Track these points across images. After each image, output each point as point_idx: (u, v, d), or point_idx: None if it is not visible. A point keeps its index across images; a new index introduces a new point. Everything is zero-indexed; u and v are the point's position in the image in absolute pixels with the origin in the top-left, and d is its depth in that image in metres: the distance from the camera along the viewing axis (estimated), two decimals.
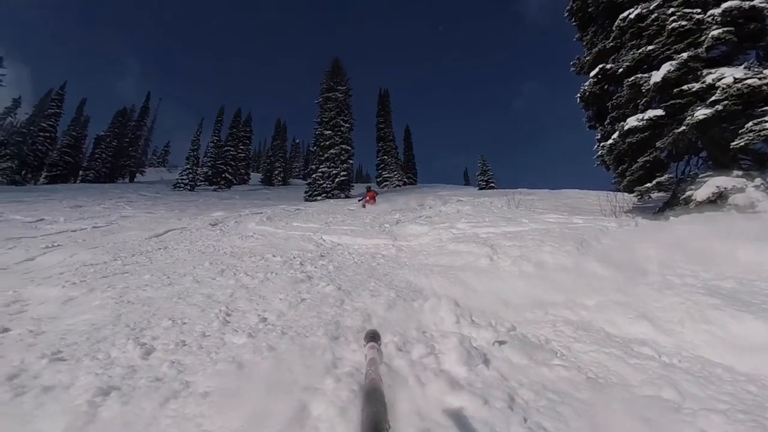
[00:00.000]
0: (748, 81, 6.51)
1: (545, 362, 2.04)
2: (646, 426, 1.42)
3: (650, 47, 8.23)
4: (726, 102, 6.71)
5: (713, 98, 6.87)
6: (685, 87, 7.43)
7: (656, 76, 7.81)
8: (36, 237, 7.33)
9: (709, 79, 7.07)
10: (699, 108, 7.07)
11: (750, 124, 6.47)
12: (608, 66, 9.52)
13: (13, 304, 3.34)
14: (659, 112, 7.95)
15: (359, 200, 17.44)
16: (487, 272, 3.84)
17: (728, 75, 6.78)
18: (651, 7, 8.17)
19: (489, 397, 1.62)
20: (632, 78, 8.47)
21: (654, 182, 8.29)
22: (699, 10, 7.58)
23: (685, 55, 7.50)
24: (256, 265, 4.69)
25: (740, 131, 6.63)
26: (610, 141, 9.18)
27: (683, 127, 7.34)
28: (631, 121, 8.37)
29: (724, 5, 7.18)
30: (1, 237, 7.07)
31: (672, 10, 7.79)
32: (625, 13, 8.75)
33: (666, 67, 7.67)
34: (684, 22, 7.62)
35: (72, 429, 1.45)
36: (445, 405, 1.58)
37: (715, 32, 7.20)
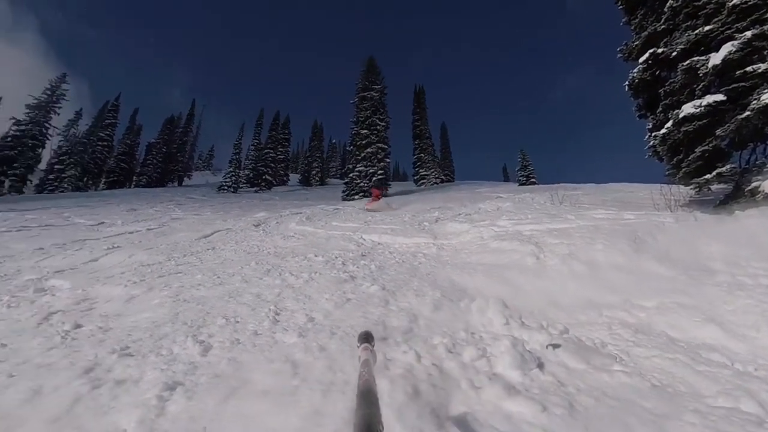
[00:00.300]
0: None
1: (604, 367, 1.95)
2: None
3: (708, 27, 7.66)
4: None
5: None
6: (749, 68, 6.86)
7: (715, 59, 7.26)
8: (98, 239, 7.87)
9: None
10: (766, 91, 6.51)
11: None
12: (660, 50, 8.94)
13: (83, 302, 3.60)
14: (719, 97, 7.39)
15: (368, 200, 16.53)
16: (534, 271, 3.73)
17: None
18: None
19: (547, 403, 1.57)
20: (687, 62, 7.91)
21: (714, 173, 7.72)
22: None
23: (749, 33, 6.92)
24: (300, 265, 4.79)
25: None
26: (663, 130, 8.62)
27: (747, 113, 6.78)
28: (687, 108, 7.83)
29: None
30: (69, 239, 7.66)
31: None
32: None
33: (727, 48, 7.11)
34: None
35: (145, 421, 1.54)
36: (502, 410, 1.55)
37: None
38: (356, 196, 26.08)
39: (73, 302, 3.55)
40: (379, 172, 27.30)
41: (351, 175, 27.78)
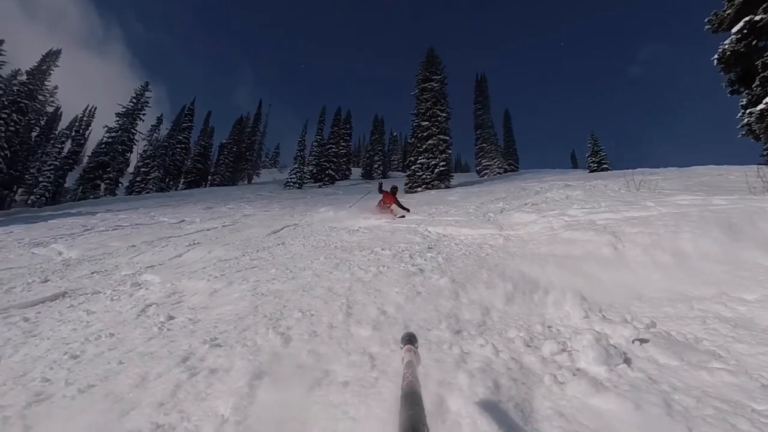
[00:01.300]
0: None
1: (701, 364, 1.81)
2: None
3: None
4: None
5: None
6: None
7: None
8: (180, 236, 8.59)
9: None
10: None
11: None
12: (757, 17, 7.98)
13: (172, 295, 3.95)
14: None
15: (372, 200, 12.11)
16: (613, 262, 3.52)
17: None
18: None
19: (640, 401, 1.49)
20: None
21: None
22: None
23: None
24: (367, 258, 4.89)
25: None
26: (761, 106, 7.72)
27: None
28: None
29: None
30: (156, 237, 8.46)
31: None
32: None
33: None
34: None
35: (240, 408, 1.66)
36: (590, 407, 1.49)
37: None
38: (419, 189, 26.06)
39: (165, 295, 3.90)
40: (441, 163, 27.04)
41: (413, 167, 27.77)
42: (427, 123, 28.46)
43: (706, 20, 9.72)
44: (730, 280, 2.73)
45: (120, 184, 39.48)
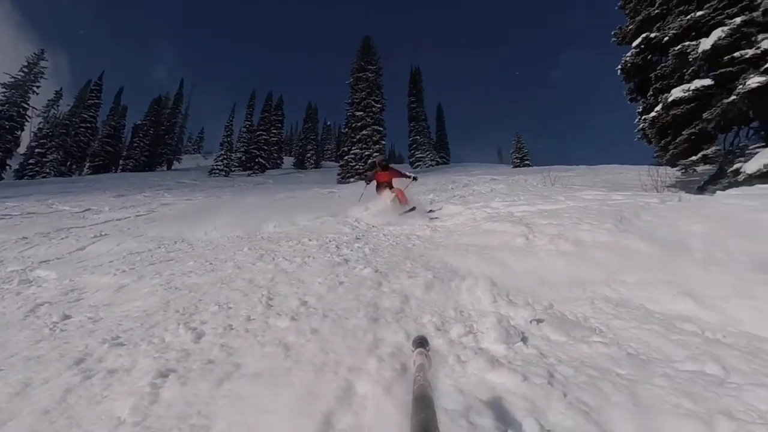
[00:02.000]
0: None
1: (584, 339, 2.05)
2: (690, 400, 1.42)
3: (700, 13, 7.72)
4: None
5: None
6: (737, 54, 6.95)
7: (705, 44, 7.34)
8: (84, 227, 7.82)
9: (765, 45, 6.58)
10: (752, 75, 6.62)
11: None
12: (653, 35, 9.01)
13: (71, 292, 3.61)
14: (707, 81, 7.50)
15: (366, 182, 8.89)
16: (524, 251, 3.82)
17: None
18: None
19: (528, 373, 1.66)
20: (679, 46, 8.00)
21: (699, 155, 7.89)
22: None
23: (738, 19, 6.99)
24: (294, 249, 4.83)
25: None
26: (653, 113, 8.75)
27: (733, 97, 6.90)
28: (676, 92, 7.94)
29: None
30: (54, 227, 7.61)
31: None
32: None
33: (716, 34, 7.18)
34: None
35: (139, 408, 1.58)
36: (486, 382, 1.64)
37: None
38: (352, 179, 26.05)
39: (61, 293, 3.56)
40: (375, 154, 27.26)
41: (346, 157, 27.69)
42: (361, 113, 28.51)
43: (612, 33, 10.78)
44: (616, 265, 3.08)
45: (8, 167, 34.00)
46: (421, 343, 1.23)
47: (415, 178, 8.48)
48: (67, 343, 2.34)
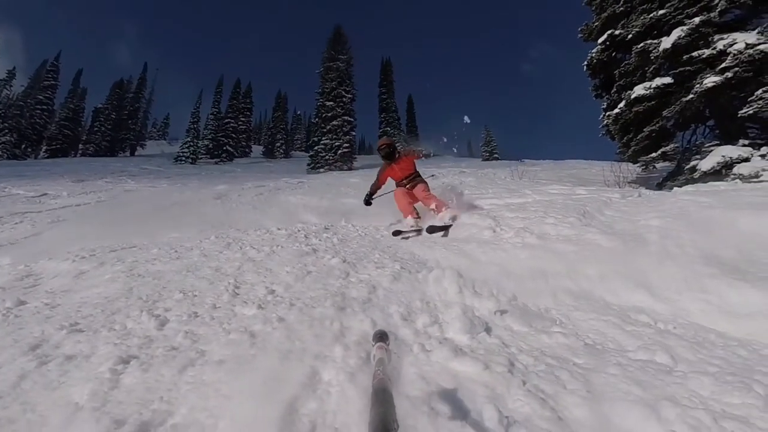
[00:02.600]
0: (761, 47, 6.36)
1: (545, 330, 2.12)
2: (639, 387, 1.50)
3: (662, 11, 7.99)
4: (736, 69, 6.57)
5: (723, 65, 6.74)
6: (695, 53, 7.26)
7: (666, 43, 7.62)
8: (41, 212, 7.45)
9: (720, 45, 6.91)
10: (708, 75, 6.94)
11: (760, 91, 6.37)
12: (617, 32, 9.27)
13: (26, 278, 3.45)
14: (667, 79, 7.81)
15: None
16: (490, 244, 3.89)
17: (740, 41, 6.62)
18: None
19: (490, 362, 1.70)
20: (641, 44, 8.28)
21: (659, 152, 8.25)
22: None
23: (697, 19, 7.29)
24: (262, 238, 4.76)
25: (749, 99, 6.53)
26: (616, 110, 9.06)
27: (691, 95, 7.23)
28: (639, 90, 8.23)
29: None
30: (7, 212, 7.19)
31: None
32: None
33: (676, 33, 7.47)
34: None
35: (98, 393, 1.54)
36: (449, 370, 1.67)
37: None
38: (321, 169, 25.86)
39: (15, 278, 3.40)
40: (345, 145, 27.13)
41: (316, 147, 27.46)
42: (332, 103, 28.26)
43: (579, 29, 11.03)
44: (578, 258, 3.19)
45: None
46: (381, 337, 1.24)
47: (427, 156, 6.33)
48: (21, 329, 2.25)
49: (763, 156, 6.49)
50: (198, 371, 1.73)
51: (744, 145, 6.78)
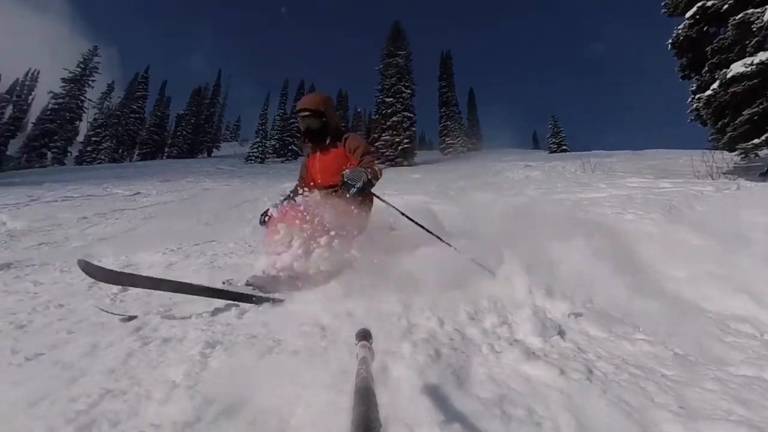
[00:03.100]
0: None
1: (626, 336, 1.97)
2: (744, 407, 1.33)
3: None
4: None
5: None
6: None
7: None
8: (135, 209, 8.31)
9: None
10: None
11: None
12: (709, 3, 8.27)
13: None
14: None
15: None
16: None
17: None
18: None
19: (565, 367, 1.61)
20: (740, 15, 7.31)
21: (763, 137, 7.28)
22: None
23: None
24: None
25: None
26: (709, 92, 8.11)
27: None
28: (737, 67, 7.31)
29: None
30: (109, 209, 8.12)
31: None
32: None
33: None
34: None
35: (191, 374, 1.67)
36: (521, 373, 1.61)
37: None
38: (382, 165, 26.11)
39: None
40: (405, 140, 27.12)
41: (376, 144, 27.72)
42: (391, 99, 28.36)
43: (662, 3, 9.97)
44: (663, 258, 2.92)
45: (69, 154, 37.39)
46: (365, 336, 1.23)
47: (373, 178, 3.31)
48: (127, 312, 2.49)
49: None
50: (275, 359, 1.83)
51: None
